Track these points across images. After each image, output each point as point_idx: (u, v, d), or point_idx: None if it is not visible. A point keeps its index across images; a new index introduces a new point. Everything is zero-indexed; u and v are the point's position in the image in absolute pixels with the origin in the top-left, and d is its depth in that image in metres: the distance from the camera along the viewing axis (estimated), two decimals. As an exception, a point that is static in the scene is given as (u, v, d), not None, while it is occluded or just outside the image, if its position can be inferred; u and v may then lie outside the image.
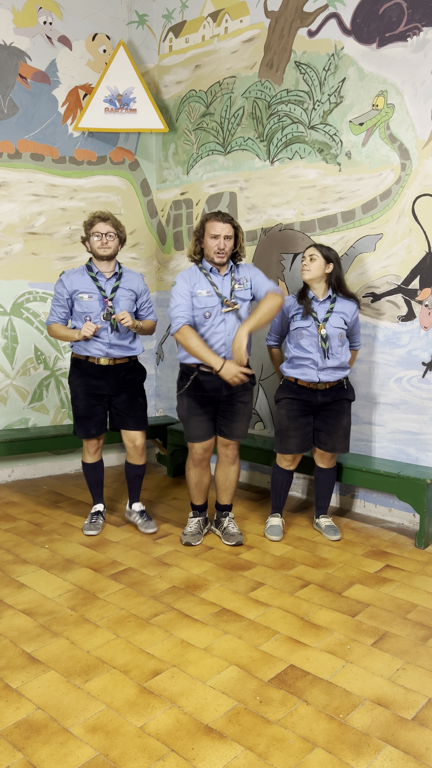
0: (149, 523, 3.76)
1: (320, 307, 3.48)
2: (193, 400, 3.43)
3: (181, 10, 4.77)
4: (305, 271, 3.45)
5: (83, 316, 3.48)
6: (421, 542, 3.56)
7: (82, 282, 3.48)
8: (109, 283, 3.51)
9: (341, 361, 3.50)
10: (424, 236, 3.65)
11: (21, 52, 4.43)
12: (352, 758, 1.98)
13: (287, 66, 4.16)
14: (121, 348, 3.54)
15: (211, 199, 4.74)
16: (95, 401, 3.59)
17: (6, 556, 3.39)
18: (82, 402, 3.58)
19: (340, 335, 3.49)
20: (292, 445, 3.58)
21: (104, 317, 3.46)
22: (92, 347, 3.49)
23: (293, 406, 3.56)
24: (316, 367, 3.48)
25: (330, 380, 3.50)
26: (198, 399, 3.43)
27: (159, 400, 5.32)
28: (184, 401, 3.45)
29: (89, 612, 2.83)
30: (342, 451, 3.61)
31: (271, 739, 2.06)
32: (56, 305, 3.52)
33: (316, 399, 3.53)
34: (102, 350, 3.50)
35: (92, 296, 3.46)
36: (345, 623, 2.77)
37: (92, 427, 3.62)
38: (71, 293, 3.47)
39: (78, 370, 3.57)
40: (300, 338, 3.47)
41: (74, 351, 3.58)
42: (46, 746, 2.02)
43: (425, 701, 2.26)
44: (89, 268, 3.51)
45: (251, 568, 3.28)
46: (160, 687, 2.32)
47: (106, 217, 3.44)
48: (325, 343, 3.43)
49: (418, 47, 3.57)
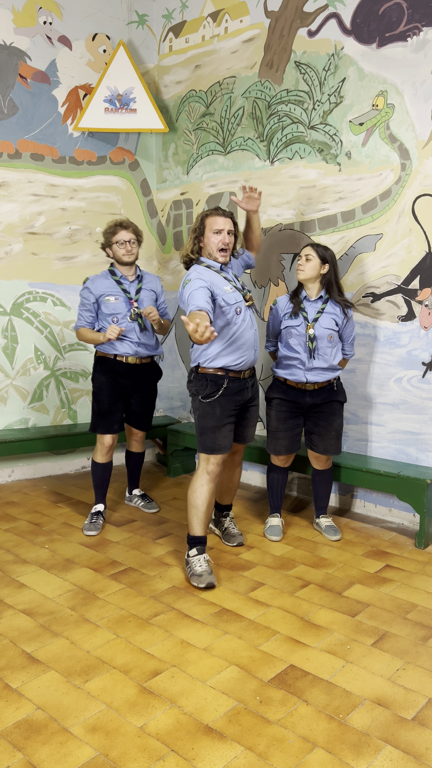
0: (151, 504, 4.08)
1: (311, 307, 3.47)
2: (224, 409, 3.15)
3: (181, 10, 4.78)
4: (299, 271, 3.44)
5: (110, 318, 3.65)
6: (421, 542, 3.56)
7: (107, 286, 3.65)
8: (133, 285, 3.71)
9: (330, 362, 3.48)
10: (424, 236, 3.65)
11: (21, 52, 4.43)
12: (352, 758, 1.98)
13: (287, 66, 4.16)
14: (147, 347, 3.75)
15: (211, 199, 4.74)
16: (118, 398, 3.76)
17: (6, 556, 3.39)
18: (107, 398, 3.73)
19: (330, 336, 3.45)
20: (281, 446, 3.59)
21: (131, 318, 3.65)
22: (122, 346, 3.68)
23: (282, 407, 3.56)
24: (303, 367, 3.46)
25: (318, 381, 3.47)
26: (228, 407, 3.16)
27: (159, 400, 5.32)
28: (216, 410, 3.13)
29: (89, 612, 2.83)
30: (334, 453, 3.59)
31: (271, 739, 2.06)
32: (83, 310, 3.68)
33: (305, 400, 3.51)
34: (132, 349, 3.69)
35: (118, 298, 3.65)
36: (345, 623, 2.77)
37: (114, 422, 3.77)
38: (98, 297, 3.65)
39: (104, 367, 3.74)
40: (289, 337, 3.47)
41: (100, 350, 3.74)
42: (46, 746, 2.02)
43: (425, 701, 2.26)
44: (112, 273, 3.69)
45: (251, 568, 3.28)
46: (160, 687, 2.32)
47: (128, 225, 3.62)
48: (312, 343, 3.42)
49: (418, 47, 3.57)
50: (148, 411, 3.94)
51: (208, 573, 3.08)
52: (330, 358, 3.48)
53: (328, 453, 3.59)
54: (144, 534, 3.71)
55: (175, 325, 5.12)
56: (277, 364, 3.59)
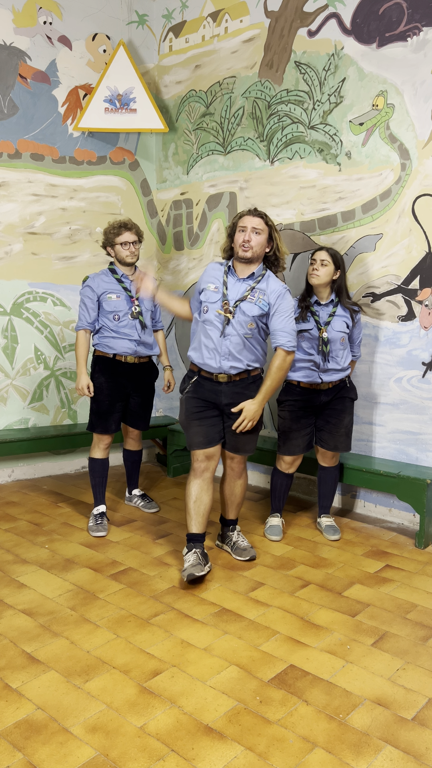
0: (151, 504, 4.08)
1: (323, 311, 3.48)
2: (192, 404, 3.22)
3: (181, 10, 4.77)
4: (314, 276, 3.43)
5: (112, 315, 3.66)
6: (421, 542, 3.56)
7: (108, 283, 3.67)
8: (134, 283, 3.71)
9: (342, 364, 3.51)
10: (424, 236, 3.65)
11: (21, 52, 4.43)
12: (352, 758, 1.98)
13: (287, 66, 4.16)
14: (146, 346, 3.76)
15: (211, 199, 4.74)
16: (117, 398, 3.76)
17: (6, 556, 3.39)
18: (106, 398, 3.73)
19: (342, 339, 3.49)
20: (295, 446, 3.59)
21: (132, 316, 3.66)
22: (120, 345, 3.69)
23: (296, 406, 3.57)
24: (318, 369, 3.48)
25: (332, 380, 3.51)
26: (198, 403, 3.21)
27: (159, 400, 5.32)
28: (186, 406, 3.24)
29: (89, 612, 2.83)
30: (344, 449, 3.61)
31: (271, 739, 2.06)
32: (83, 310, 3.69)
33: (319, 399, 3.54)
34: (130, 348, 3.70)
35: (120, 296, 3.67)
36: (345, 623, 2.76)
37: (113, 422, 3.78)
38: (99, 295, 3.66)
39: (103, 367, 3.73)
40: (301, 340, 3.48)
41: (99, 349, 3.74)
42: (46, 746, 2.02)
43: (425, 701, 2.26)
44: (113, 271, 3.71)
45: (251, 568, 3.28)
46: (160, 687, 2.31)
47: (131, 227, 3.65)
48: (326, 347, 3.43)
49: (418, 47, 3.57)
50: (146, 410, 3.94)
51: (192, 566, 3.06)
52: (342, 360, 3.51)
53: (338, 450, 3.60)
54: (144, 534, 3.71)
55: (175, 325, 5.12)
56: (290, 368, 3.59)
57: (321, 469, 3.73)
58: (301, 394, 3.55)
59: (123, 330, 3.67)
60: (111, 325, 3.66)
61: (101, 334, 3.70)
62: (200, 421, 3.20)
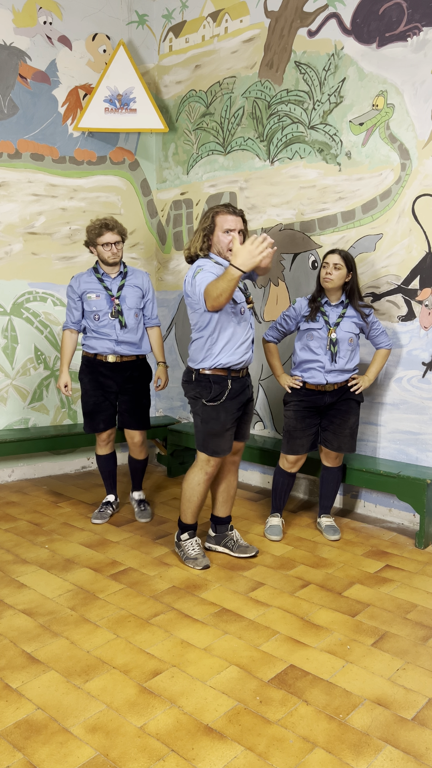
0: (144, 513, 3.96)
1: (332, 311, 3.48)
2: (228, 413, 3.12)
3: (181, 10, 4.77)
4: (327, 280, 3.40)
5: (92, 315, 3.65)
6: (421, 542, 3.56)
7: (89, 283, 3.65)
8: (115, 282, 3.68)
9: (349, 366, 3.51)
10: (424, 236, 3.65)
11: (21, 52, 4.43)
12: (352, 758, 1.98)
13: (287, 66, 4.16)
14: (129, 345, 3.70)
15: (211, 199, 4.74)
16: (103, 398, 3.75)
17: (6, 556, 3.39)
18: (91, 398, 3.75)
19: (350, 340, 3.48)
20: (299, 446, 3.59)
21: (112, 315, 3.63)
22: (100, 345, 3.67)
23: (301, 407, 3.57)
24: (324, 369, 3.48)
25: (337, 381, 3.51)
26: (232, 410, 3.14)
27: (159, 400, 5.32)
28: (221, 416, 3.11)
29: (89, 612, 2.83)
30: (348, 450, 3.61)
31: (271, 739, 2.06)
32: (68, 309, 3.71)
33: (324, 400, 3.54)
34: (110, 348, 3.67)
35: (99, 295, 3.64)
36: (345, 623, 2.76)
37: (100, 422, 3.78)
38: (80, 294, 3.65)
39: (87, 367, 3.74)
40: (309, 340, 3.48)
41: (84, 349, 3.75)
42: (46, 746, 2.02)
43: (425, 701, 2.26)
44: (96, 270, 3.69)
45: (251, 568, 3.28)
46: (160, 687, 2.32)
47: (113, 227, 3.56)
48: (334, 347, 3.43)
49: (418, 47, 3.57)
50: (138, 410, 3.80)
51: (202, 556, 3.29)
52: (349, 361, 3.51)
53: (342, 450, 3.60)
54: (144, 534, 3.71)
55: (175, 325, 5.12)
56: (296, 368, 3.59)
57: (324, 469, 3.73)
58: (307, 394, 3.56)
59: (103, 330, 3.64)
60: (92, 325, 3.65)
61: (86, 334, 3.72)
62: (229, 431, 3.19)
